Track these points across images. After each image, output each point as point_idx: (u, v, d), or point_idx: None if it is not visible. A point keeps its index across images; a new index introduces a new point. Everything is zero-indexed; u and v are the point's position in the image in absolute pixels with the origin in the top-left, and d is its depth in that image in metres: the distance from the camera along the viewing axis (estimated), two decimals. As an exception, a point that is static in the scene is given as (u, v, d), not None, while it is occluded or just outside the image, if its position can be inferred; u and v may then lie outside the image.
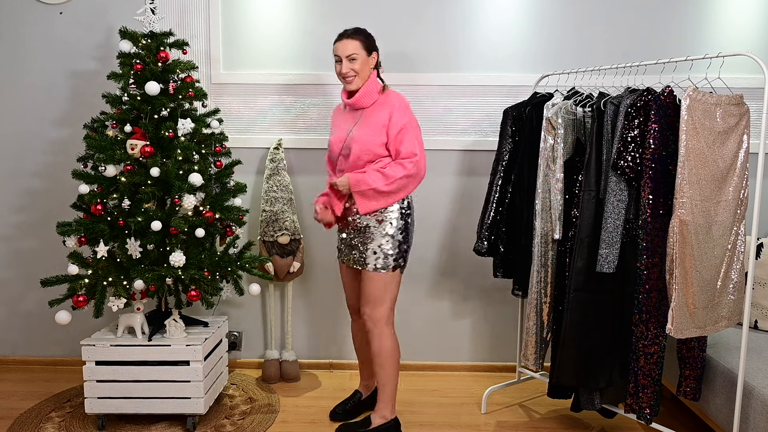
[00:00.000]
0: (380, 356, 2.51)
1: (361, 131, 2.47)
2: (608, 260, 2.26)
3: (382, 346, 2.50)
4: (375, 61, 2.54)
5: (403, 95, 2.55)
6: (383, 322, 2.50)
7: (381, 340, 2.50)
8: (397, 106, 2.46)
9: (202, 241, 2.62)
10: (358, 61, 2.46)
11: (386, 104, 2.49)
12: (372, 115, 2.49)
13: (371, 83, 2.51)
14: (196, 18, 3.16)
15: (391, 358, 2.52)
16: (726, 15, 3.11)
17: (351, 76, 2.48)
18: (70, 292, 2.51)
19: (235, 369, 3.33)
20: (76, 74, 3.22)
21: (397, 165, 2.43)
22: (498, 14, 3.15)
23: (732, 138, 2.15)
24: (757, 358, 2.37)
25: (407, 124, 2.45)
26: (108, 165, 2.53)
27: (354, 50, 2.46)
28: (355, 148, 2.45)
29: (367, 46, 2.50)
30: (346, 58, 2.46)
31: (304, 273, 3.26)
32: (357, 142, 2.45)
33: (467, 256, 3.17)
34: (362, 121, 2.50)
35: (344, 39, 2.49)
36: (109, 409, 2.61)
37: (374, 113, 2.48)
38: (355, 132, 2.48)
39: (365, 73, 2.50)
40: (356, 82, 2.48)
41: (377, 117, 2.47)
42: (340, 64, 2.49)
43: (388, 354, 2.51)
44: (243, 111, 3.22)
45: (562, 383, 2.49)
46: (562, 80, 2.92)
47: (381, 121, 2.45)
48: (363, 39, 2.50)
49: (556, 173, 2.43)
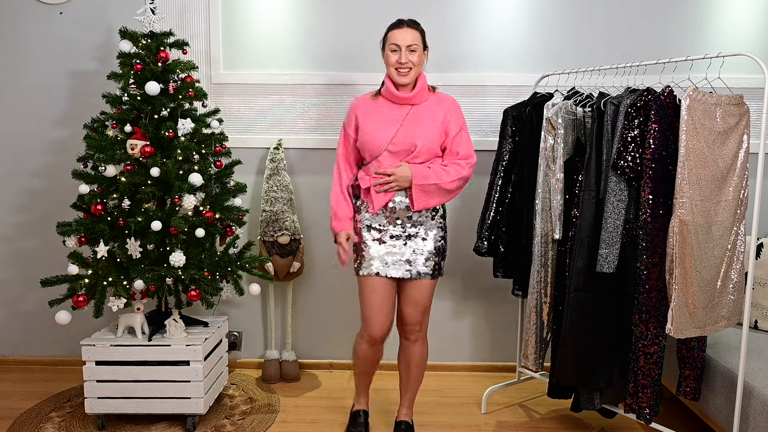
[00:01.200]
0: (424, 361, 2.54)
1: (420, 129, 2.36)
2: (608, 260, 2.26)
3: (425, 351, 2.53)
4: (427, 58, 2.44)
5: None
6: (426, 330, 2.52)
7: (425, 346, 2.52)
8: (454, 107, 2.42)
9: (202, 241, 2.62)
10: (417, 53, 2.34)
11: (441, 103, 2.42)
12: (426, 112, 2.39)
13: (425, 79, 2.42)
14: (196, 18, 3.16)
15: (426, 362, 2.57)
16: (726, 15, 3.12)
17: (408, 68, 2.34)
18: (70, 292, 2.51)
19: (235, 369, 3.32)
20: (76, 74, 3.22)
21: (456, 165, 2.38)
22: (498, 14, 3.15)
23: (732, 138, 2.15)
24: (757, 358, 2.37)
25: (464, 125, 2.42)
26: (108, 165, 2.53)
27: (414, 41, 2.34)
28: (419, 144, 2.33)
29: (424, 40, 2.40)
30: (406, 47, 2.32)
31: (304, 273, 3.26)
32: (420, 138, 2.34)
33: (467, 256, 3.17)
34: (413, 117, 2.38)
35: (405, 27, 2.35)
36: (109, 409, 2.61)
37: (428, 111, 2.39)
38: (410, 128, 2.36)
39: (420, 68, 2.38)
40: (411, 75, 2.35)
41: (433, 115, 2.38)
42: (398, 53, 2.33)
43: (427, 358, 2.56)
44: (243, 111, 3.22)
45: (562, 383, 2.49)
46: (562, 80, 2.92)
47: (438, 120, 2.37)
48: (422, 32, 2.39)
49: (556, 173, 2.43)
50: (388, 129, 2.37)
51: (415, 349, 2.50)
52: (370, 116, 2.43)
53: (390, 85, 2.39)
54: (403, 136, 2.35)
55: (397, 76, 2.35)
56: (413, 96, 2.38)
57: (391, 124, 2.38)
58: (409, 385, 2.57)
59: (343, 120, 2.56)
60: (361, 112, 2.46)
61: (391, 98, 2.41)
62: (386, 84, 2.41)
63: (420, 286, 2.41)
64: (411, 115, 2.38)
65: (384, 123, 2.39)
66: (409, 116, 2.38)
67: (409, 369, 2.53)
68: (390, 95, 2.40)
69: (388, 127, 2.38)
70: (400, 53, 2.32)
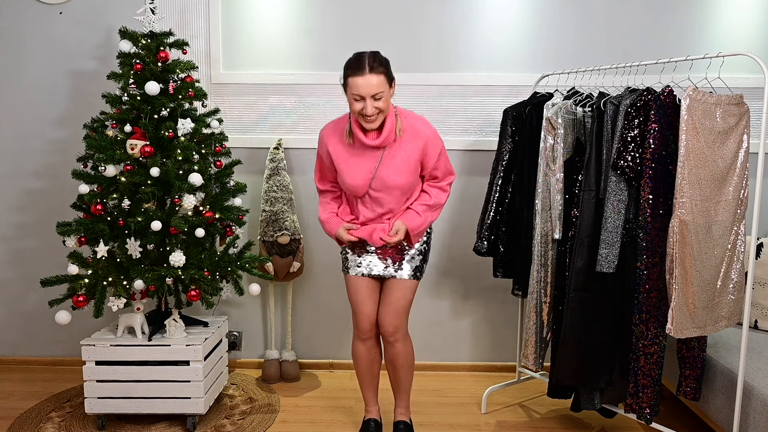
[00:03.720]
0: (409, 361, 2.51)
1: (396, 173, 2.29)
2: (608, 260, 2.26)
3: (407, 351, 2.49)
4: (394, 91, 2.26)
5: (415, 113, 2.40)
6: (405, 330, 2.48)
7: (406, 346, 2.49)
8: (430, 141, 2.31)
9: (202, 241, 2.62)
10: (383, 99, 2.16)
11: (415, 140, 2.29)
12: (400, 153, 2.29)
13: (392, 117, 2.26)
14: (196, 18, 3.16)
15: (413, 361, 2.55)
16: (726, 15, 3.11)
17: (375, 116, 2.18)
18: (70, 292, 2.51)
19: (235, 369, 3.33)
20: (76, 74, 3.22)
21: (438, 191, 2.41)
22: (498, 14, 3.15)
23: (732, 138, 2.15)
24: (757, 358, 2.37)
25: (443, 150, 2.37)
26: (108, 165, 2.52)
27: (380, 88, 2.14)
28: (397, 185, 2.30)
29: (389, 76, 2.21)
30: (371, 97, 2.14)
31: (304, 273, 3.26)
32: (396, 181, 2.29)
33: (467, 256, 3.17)
34: (387, 160, 2.29)
35: (366, 74, 2.12)
36: (109, 409, 2.61)
37: (402, 151, 2.29)
38: (386, 172, 2.29)
39: (387, 109, 2.21)
40: (379, 119, 2.21)
41: (407, 155, 2.29)
42: (362, 103, 2.15)
43: (413, 357, 2.53)
44: (243, 111, 3.22)
45: (562, 383, 2.49)
46: (562, 80, 2.92)
47: (413, 159, 2.30)
48: (385, 71, 2.18)
49: (556, 173, 2.43)
50: (365, 175, 2.31)
51: (396, 350, 2.46)
52: (345, 161, 2.33)
53: (359, 134, 2.26)
54: (380, 181, 2.31)
55: (365, 123, 2.22)
56: (382, 141, 2.25)
57: (367, 171, 2.31)
58: (400, 386, 2.55)
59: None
60: (334, 151, 2.35)
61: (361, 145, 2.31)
62: (354, 131, 2.28)
63: (399, 286, 2.42)
64: (385, 158, 2.29)
65: (360, 169, 2.31)
66: (384, 160, 2.30)
67: (396, 371, 2.51)
68: (360, 144, 2.30)
69: (364, 174, 2.31)
70: (365, 103, 2.15)
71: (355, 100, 2.17)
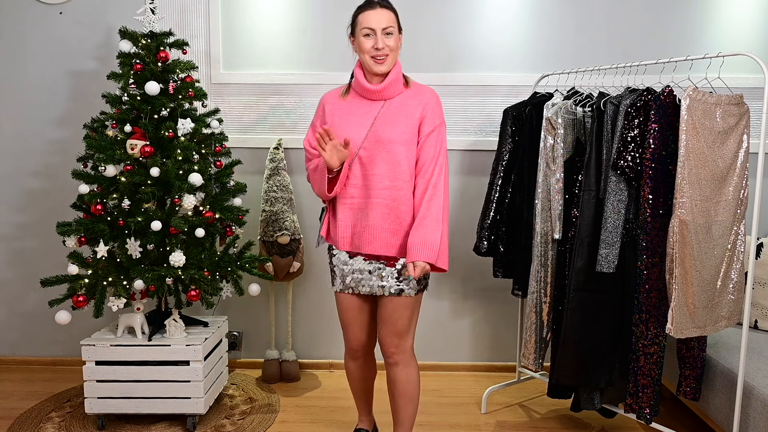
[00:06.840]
0: (409, 391, 2.22)
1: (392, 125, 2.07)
2: (608, 260, 2.26)
3: (412, 376, 2.22)
4: (401, 42, 2.14)
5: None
6: (411, 352, 2.22)
7: (410, 371, 2.21)
8: (433, 101, 2.12)
9: (202, 241, 2.62)
10: (393, 36, 2.05)
11: (418, 96, 2.12)
12: (400, 108, 2.10)
13: (400, 68, 2.12)
14: (196, 18, 3.16)
15: (418, 389, 2.26)
16: (726, 15, 3.11)
17: (385, 54, 2.04)
18: (70, 292, 2.51)
19: (235, 369, 3.33)
20: (76, 74, 3.22)
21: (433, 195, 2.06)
22: (498, 14, 3.15)
23: (732, 138, 2.15)
24: (757, 358, 2.37)
25: (442, 123, 2.12)
26: (108, 165, 2.53)
27: (390, 22, 2.04)
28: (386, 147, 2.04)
29: (398, 20, 2.11)
30: (382, 31, 2.03)
31: (304, 273, 3.26)
32: (391, 141, 2.05)
33: (467, 256, 3.17)
34: (386, 114, 2.09)
35: (378, 8, 2.04)
36: (109, 409, 2.61)
37: (402, 106, 2.11)
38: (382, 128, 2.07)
39: (396, 54, 2.09)
40: (389, 62, 2.06)
41: (408, 108, 2.10)
42: (372, 38, 2.04)
43: (418, 384, 2.25)
44: (243, 111, 3.22)
45: (561, 383, 2.49)
46: (562, 80, 2.92)
47: (414, 116, 2.08)
48: (396, 12, 2.09)
49: (556, 173, 2.43)
50: (358, 131, 2.09)
51: (394, 373, 2.20)
52: (339, 115, 2.16)
53: (361, 78, 2.12)
54: (373, 135, 2.07)
55: (374, 64, 2.06)
56: (384, 88, 2.09)
57: (362, 126, 2.10)
58: (398, 416, 2.26)
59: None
60: (329, 108, 2.19)
61: (362, 92, 2.14)
62: (356, 77, 2.14)
63: (396, 305, 2.14)
64: (383, 112, 2.10)
65: (354, 123, 2.11)
66: (382, 114, 2.10)
67: (394, 398, 2.24)
68: (361, 89, 2.14)
69: (357, 130, 2.10)
70: (376, 38, 2.03)
71: (366, 36, 2.05)
